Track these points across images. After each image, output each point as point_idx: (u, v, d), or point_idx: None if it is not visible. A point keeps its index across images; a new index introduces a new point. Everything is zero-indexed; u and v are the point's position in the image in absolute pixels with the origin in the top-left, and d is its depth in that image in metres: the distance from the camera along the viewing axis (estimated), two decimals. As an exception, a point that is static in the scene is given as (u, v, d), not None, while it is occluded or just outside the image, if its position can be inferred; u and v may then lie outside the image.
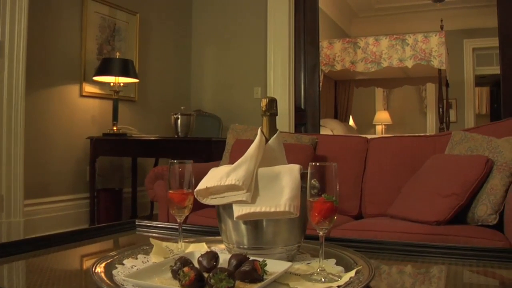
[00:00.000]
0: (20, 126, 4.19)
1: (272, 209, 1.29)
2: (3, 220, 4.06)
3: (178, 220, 1.50)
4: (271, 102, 1.45)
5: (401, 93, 10.76)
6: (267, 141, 1.46)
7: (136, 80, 5.11)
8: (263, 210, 1.30)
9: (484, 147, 2.55)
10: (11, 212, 4.15)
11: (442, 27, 7.41)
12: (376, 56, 7.22)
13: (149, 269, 1.28)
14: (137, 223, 2.03)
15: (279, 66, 5.84)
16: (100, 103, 5.18)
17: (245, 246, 1.38)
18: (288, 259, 1.39)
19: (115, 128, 4.91)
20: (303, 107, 5.90)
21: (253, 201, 1.31)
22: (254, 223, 1.37)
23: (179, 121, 4.68)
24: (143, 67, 5.70)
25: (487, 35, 8.69)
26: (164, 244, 1.55)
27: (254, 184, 1.34)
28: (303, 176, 1.35)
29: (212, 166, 3.15)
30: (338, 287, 1.17)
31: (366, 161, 3.05)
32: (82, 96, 4.98)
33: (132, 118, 5.53)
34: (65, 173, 4.81)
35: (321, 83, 7.28)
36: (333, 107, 9.68)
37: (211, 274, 1.10)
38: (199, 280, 1.13)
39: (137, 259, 1.43)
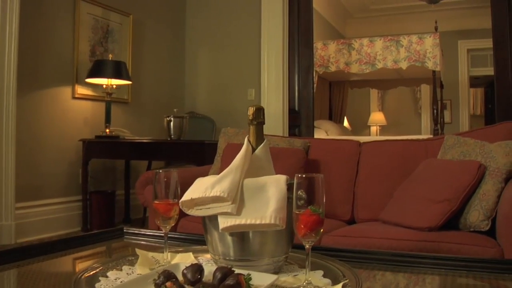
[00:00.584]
0: (12, 128, 4.16)
1: (258, 221, 1.27)
2: (-6, 224, 4.04)
3: (163, 230, 1.48)
4: (258, 110, 1.43)
5: (395, 94, 10.75)
6: (254, 150, 1.44)
7: (128, 82, 5.09)
8: (248, 222, 1.27)
9: (477, 152, 2.54)
10: (2, 216, 4.12)
11: (436, 28, 7.40)
12: (370, 57, 7.21)
13: (133, 282, 1.25)
14: (125, 230, 2.00)
15: (273, 67, 5.82)
16: (93, 105, 5.15)
17: (231, 258, 1.36)
18: (275, 270, 1.37)
19: (107, 130, 4.88)
20: (297, 108, 5.88)
21: (238, 212, 1.29)
22: (240, 234, 1.34)
23: (172, 123, 4.65)
24: (136, 69, 5.67)
25: (481, 36, 8.68)
26: (150, 255, 1.52)
27: (239, 196, 1.32)
28: (290, 186, 1.33)
29: (203, 170, 3.14)
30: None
31: (359, 165, 3.03)
32: (74, 98, 4.94)
33: (125, 120, 5.50)
34: (57, 176, 4.78)
35: (315, 84, 7.26)
36: (327, 108, 9.66)
37: (194, 289, 1.08)
38: (182, 295, 1.10)
39: (121, 270, 1.41)
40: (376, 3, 9.94)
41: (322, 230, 1.20)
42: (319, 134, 7.68)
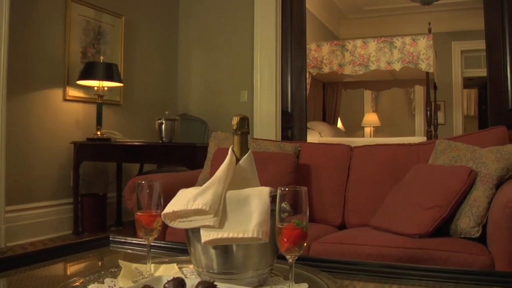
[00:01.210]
0: (1, 131, 4.13)
1: (240, 235, 1.24)
2: (-17, 228, 4.00)
3: (146, 242, 1.45)
4: (243, 120, 1.41)
5: (389, 95, 10.75)
6: (238, 160, 1.41)
7: (120, 84, 5.06)
8: (230, 236, 1.25)
9: (468, 157, 2.52)
10: (-8, 219, 4.09)
11: (430, 30, 7.39)
12: (364, 59, 7.19)
13: (113, 296, 1.23)
14: (111, 238, 1.97)
15: (266, 69, 5.79)
16: (84, 107, 5.11)
17: (215, 271, 1.33)
18: (259, 283, 1.35)
19: (99, 132, 4.85)
20: (289, 110, 5.85)
21: (221, 226, 1.27)
22: (224, 247, 1.32)
23: (163, 126, 4.62)
24: (128, 70, 5.64)
25: (475, 37, 8.68)
26: (133, 266, 1.50)
27: (222, 208, 1.29)
28: (274, 198, 1.30)
29: (193, 175, 3.11)
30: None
31: (350, 170, 3.01)
32: (65, 100, 4.91)
33: (117, 122, 5.46)
34: (48, 178, 4.74)
35: (309, 86, 7.25)
36: (321, 109, 9.65)
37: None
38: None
39: (103, 283, 1.38)
40: (370, 4, 9.93)
41: (305, 244, 1.18)
42: (312, 136, 7.66)
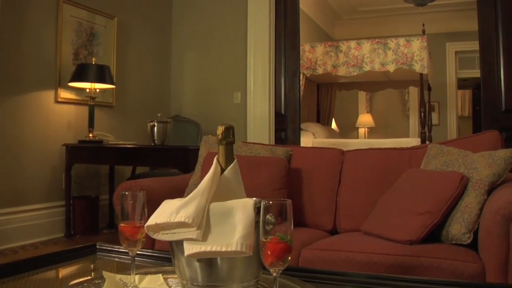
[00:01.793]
0: (-7, 133, 4.10)
1: (224, 249, 1.22)
2: (-27, 232, 3.97)
3: (130, 253, 1.43)
4: (228, 129, 1.39)
5: (384, 96, 10.75)
6: (223, 170, 1.39)
7: (112, 86, 5.03)
8: (214, 249, 1.23)
9: (460, 162, 2.50)
10: (-18, 223, 4.06)
11: (424, 31, 7.38)
12: (358, 60, 7.18)
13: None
14: (98, 246, 1.95)
15: (259, 70, 5.77)
16: (76, 109, 5.08)
17: (199, 283, 1.31)
18: (245, 296, 1.33)
19: (91, 135, 4.82)
20: (283, 112, 5.83)
21: (204, 239, 1.24)
22: (208, 259, 1.29)
23: (155, 128, 4.59)
24: (121, 72, 5.61)
25: (469, 38, 8.64)
26: (118, 277, 1.47)
27: (205, 221, 1.27)
28: (259, 210, 1.28)
29: (184, 179, 3.09)
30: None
31: (341, 174, 2.99)
32: (57, 102, 4.87)
33: (110, 124, 5.43)
34: (40, 181, 4.71)
35: (303, 87, 7.24)
36: (315, 110, 9.64)
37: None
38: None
39: (86, 295, 1.36)
40: (364, 5, 9.92)
41: (290, 258, 1.16)
42: (306, 137, 7.65)
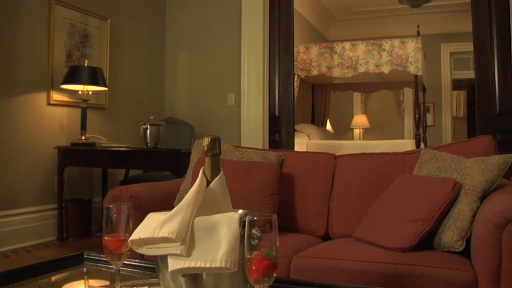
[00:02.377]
0: (-16, 136, 4.07)
1: (208, 265, 1.19)
2: (-37, 236, 3.94)
3: (114, 267, 1.40)
4: (214, 141, 1.36)
5: (378, 97, 10.75)
6: (209, 183, 1.36)
7: (105, 89, 5.00)
8: (198, 265, 1.20)
9: (452, 168, 2.48)
10: (-27, 227, 4.03)
11: (418, 32, 7.37)
12: (352, 61, 7.17)
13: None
14: (86, 256, 1.92)
15: (253, 72, 5.75)
16: (69, 111, 5.05)
17: (184, 298, 1.29)
18: (231, 311, 1.30)
19: (83, 137, 4.79)
20: (277, 114, 5.82)
21: (188, 254, 1.22)
22: (193, 274, 1.27)
23: (148, 131, 4.57)
24: (114, 74, 5.57)
25: (464, 39, 8.66)
26: (103, 290, 1.45)
27: (190, 236, 1.24)
28: (245, 224, 1.26)
29: (175, 185, 3.06)
30: None
31: (334, 179, 2.97)
32: (49, 104, 4.84)
33: (103, 126, 5.40)
34: (32, 184, 4.68)
35: (297, 88, 7.22)
36: (310, 111, 9.62)
37: None
38: None
39: (70, 310, 1.33)
40: (359, 5, 9.91)
41: (275, 275, 1.14)
42: (301, 138, 7.63)
